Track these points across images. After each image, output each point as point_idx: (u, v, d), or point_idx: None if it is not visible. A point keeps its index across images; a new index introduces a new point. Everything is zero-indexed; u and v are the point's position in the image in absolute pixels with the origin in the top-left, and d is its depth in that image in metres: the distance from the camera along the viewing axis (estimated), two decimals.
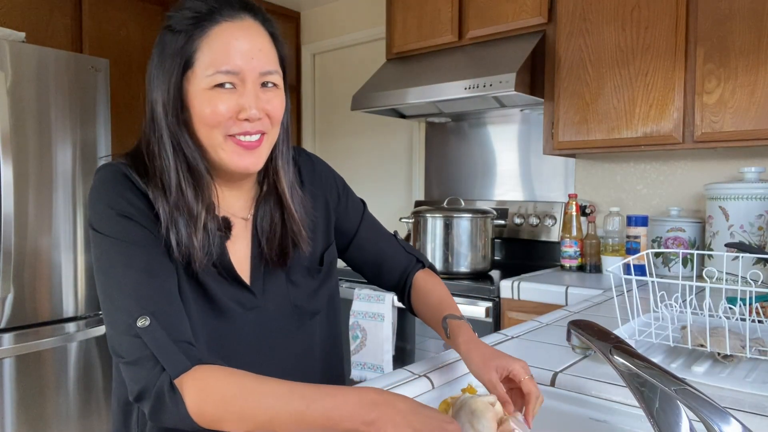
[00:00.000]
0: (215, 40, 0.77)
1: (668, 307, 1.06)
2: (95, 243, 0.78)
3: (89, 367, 2.37)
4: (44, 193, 2.21)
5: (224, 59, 0.77)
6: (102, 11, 2.80)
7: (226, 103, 0.77)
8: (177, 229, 0.78)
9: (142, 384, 0.69)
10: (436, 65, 2.34)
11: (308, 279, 0.94)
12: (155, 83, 0.80)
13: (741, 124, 1.73)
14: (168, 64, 0.78)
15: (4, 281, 2.08)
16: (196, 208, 0.80)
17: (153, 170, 0.80)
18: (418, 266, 1.06)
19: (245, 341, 0.86)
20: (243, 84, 0.78)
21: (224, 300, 0.84)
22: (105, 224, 0.77)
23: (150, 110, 0.81)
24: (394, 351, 2.07)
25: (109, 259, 0.76)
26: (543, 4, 2.11)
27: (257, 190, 0.91)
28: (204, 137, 0.80)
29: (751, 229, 1.75)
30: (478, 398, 0.72)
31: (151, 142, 0.80)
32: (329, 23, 3.30)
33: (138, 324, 0.70)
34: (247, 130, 0.79)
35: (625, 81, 1.95)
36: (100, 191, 0.79)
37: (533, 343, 1.07)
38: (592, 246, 2.16)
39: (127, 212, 0.77)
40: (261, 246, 0.89)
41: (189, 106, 0.79)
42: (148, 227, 0.78)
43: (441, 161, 2.83)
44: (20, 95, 2.13)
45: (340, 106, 3.30)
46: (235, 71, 0.77)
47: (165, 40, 0.80)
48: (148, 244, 0.77)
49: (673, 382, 0.48)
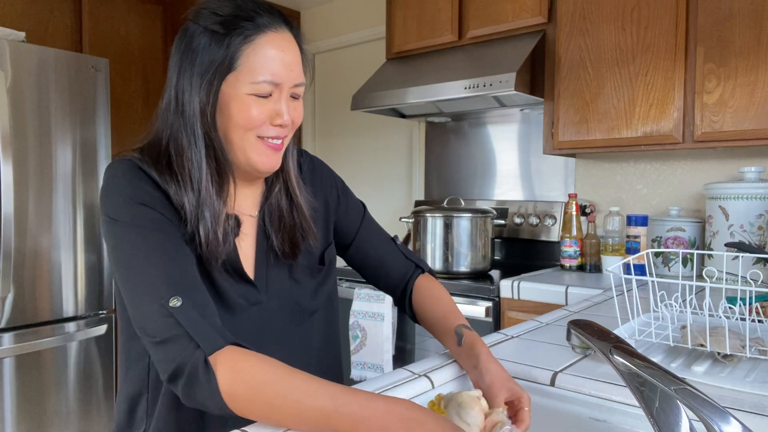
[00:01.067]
0: (261, 48, 0.80)
1: (668, 307, 1.06)
2: (112, 233, 0.78)
3: (89, 366, 2.37)
4: (44, 192, 2.21)
5: (270, 68, 0.81)
6: (102, 11, 2.80)
7: (263, 109, 0.82)
8: (203, 223, 0.80)
9: (177, 362, 0.68)
10: (436, 65, 2.34)
11: (309, 278, 0.96)
12: (190, 83, 0.81)
13: (741, 124, 1.73)
14: (208, 67, 0.80)
15: (3, 281, 2.08)
16: (218, 204, 0.83)
17: (180, 163, 0.82)
18: (418, 272, 1.06)
19: (246, 335, 0.87)
20: (280, 93, 0.83)
21: (231, 293, 0.86)
22: (123, 212, 0.78)
23: (179, 107, 0.82)
24: (394, 351, 2.07)
25: (130, 245, 0.76)
26: (543, 3, 2.11)
27: (264, 188, 0.94)
28: (236, 138, 0.83)
29: (751, 228, 1.75)
30: (464, 393, 0.75)
31: (180, 137, 0.82)
32: (329, 23, 3.30)
33: (170, 304, 0.71)
34: (278, 135, 0.84)
35: (625, 81, 1.95)
36: (116, 183, 0.80)
37: (533, 343, 1.07)
38: (592, 246, 2.16)
39: (145, 200, 0.79)
40: (267, 242, 0.91)
41: (223, 107, 0.82)
42: (166, 215, 0.79)
43: (441, 161, 2.83)
44: (20, 95, 2.13)
45: (340, 106, 3.30)
46: (277, 81, 0.82)
47: (200, 40, 0.81)
48: (169, 230, 0.78)
49: (673, 381, 0.48)
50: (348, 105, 2.55)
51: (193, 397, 0.68)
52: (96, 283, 2.39)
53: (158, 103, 0.87)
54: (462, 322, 0.93)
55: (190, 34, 0.82)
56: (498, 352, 1.00)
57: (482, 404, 0.74)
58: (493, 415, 0.73)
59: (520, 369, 0.92)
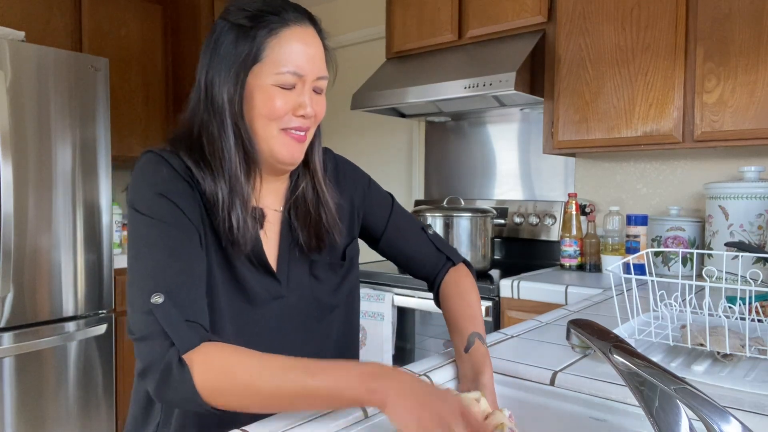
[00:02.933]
0: (286, 41, 0.83)
1: (668, 307, 1.06)
2: (130, 221, 0.81)
3: (89, 366, 2.37)
4: (44, 192, 2.21)
5: (294, 60, 0.83)
6: (101, 10, 2.79)
7: (287, 100, 0.84)
8: (235, 211, 0.83)
9: (150, 359, 0.70)
10: (436, 64, 2.33)
11: (330, 274, 0.98)
12: (219, 75, 0.84)
13: (741, 124, 1.73)
14: (235, 59, 0.83)
15: (3, 280, 2.08)
16: (246, 191, 0.86)
17: (212, 152, 0.85)
18: (449, 265, 1.07)
19: (267, 329, 0.89)
20: (303, 85, 0.85)
21: (254, 286, 0.88)
22: (142, 202, 0.80)
23: (209, 98, 0.85)
24: (394, 350, 2.07)
25: (139, 238, 0.79)
26: (543, 3, 2.11)
27: (289, 183, 0.96)
28: (260, 128, 0.85)
29: (751, 228, 1.75)
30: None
31: (211, 126, 0.85)
32: (329, 22, 3.28)
33: (152, 300, 0.72)
34: (300, 126, 0.86)
35: (625, 80, 1.95)
36: (143, 172, 0.83)
37: (533, 342, 1.07)
38: (591, 245, 2.16)
39: (166, 191, 0.81)
40: (292, 237, 0.93)
41: (249, 98, 0.84)
42: (183, 209, 0.81)
43: (441, 160, 2.83)
44: (20, 94, 2.13)
45: (340, 106, 3.29)
46: (300, 73, 0.84)
47: (228, 34, 0.84)
48: (180, 225, 0.80)
49: (673, 381, 0.48)
50: (348, 104, 2.54)
51: (165, 393, 0.70)
52: (96, 283, 2.39)
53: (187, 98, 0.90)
54: (478, 329, 0.93)
55: (218, 31, 0.86)
56: (498, 351, 1.00)
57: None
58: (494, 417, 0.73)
59: (520, 368, 0.92)
